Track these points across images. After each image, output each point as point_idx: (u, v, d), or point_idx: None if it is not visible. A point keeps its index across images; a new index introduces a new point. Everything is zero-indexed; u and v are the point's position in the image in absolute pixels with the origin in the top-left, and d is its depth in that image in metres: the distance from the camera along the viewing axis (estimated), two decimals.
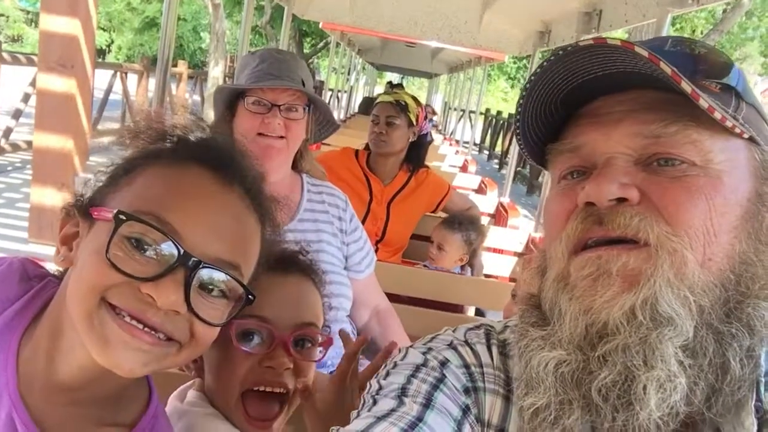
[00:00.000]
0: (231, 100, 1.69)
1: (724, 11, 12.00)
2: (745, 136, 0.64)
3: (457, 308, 2.76)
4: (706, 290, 0.60)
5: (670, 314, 0.58)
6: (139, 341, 0.68)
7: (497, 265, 3.29)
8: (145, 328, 0.68)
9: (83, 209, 0.74)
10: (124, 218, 0.68)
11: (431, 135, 3.44)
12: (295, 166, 1.81)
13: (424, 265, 2.85)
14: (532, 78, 0.66)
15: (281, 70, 1.66)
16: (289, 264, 1.05)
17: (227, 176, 0.76)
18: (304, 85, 1.69)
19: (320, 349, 1.02)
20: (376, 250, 2.88)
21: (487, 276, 3.19)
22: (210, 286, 0.72)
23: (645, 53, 0.58)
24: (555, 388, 0.62)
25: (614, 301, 0.60)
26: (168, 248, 0.69)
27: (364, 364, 1.77)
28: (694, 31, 15.86)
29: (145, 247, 0.69)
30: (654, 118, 0.63)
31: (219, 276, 0.72)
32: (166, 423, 0.83)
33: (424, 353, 0.74)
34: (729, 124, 0.62)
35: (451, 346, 0.75)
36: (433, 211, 3.02)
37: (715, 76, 0.66)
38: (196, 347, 0.73)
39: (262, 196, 0.82)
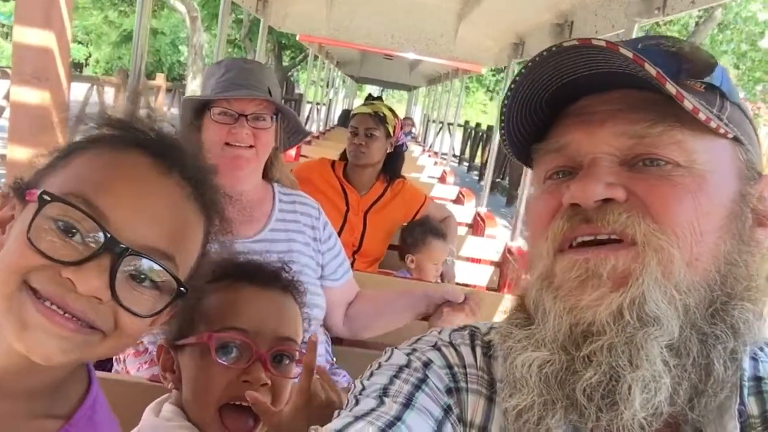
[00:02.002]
0: (197, 110, 1.67)
1: (697, 24, 12.23)
2: (730, 136, 0.64)
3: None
4: (692, 289, 0.60)
5: (656, 314, 0.59)
6: (59, 327, 0.65)
7: (474, 274, 3.31)
8: (66, 314, 0.65)
9: (20, 192, 0.71)
10: (49, 198, 0.65)
11: (406, 145, 3.46)
12: (266, 175, 1.81)
13: (396, 275, 2.84)
14: (518, 78, 0.67)
15: (247, 80, 1.66)
16: (272, 278, 1.05)
17: (167, 163, 0.73)
18: (270, 94, 1.68)
19: (298, 366, 1.02)
20: (353, 261, 2.88)
21: (464, 285, 3.20)
22: (140, 275, 0.69)
23: (630, 54, 0.59)
24: (539, 389, 0.62)
25: (601, 301, 0.60)
26: (94, 232, 0.66)
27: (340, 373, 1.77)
28: None
29: (72, 230, 0.66)
30: (639, 118, 0.63)
31: (149, 265, 0.69)
32: (105, 414, 0.80)
33: (408, 354, 0.74)
34: (713, 124, 0.62)
35: (436, 347, 0.75)
36: (409, 222, 3.03)
37: (699, 75, 0.66)
38: (121, 338, 0.70)
39: (206, 187, 0.78)
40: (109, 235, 0.66)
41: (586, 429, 0.62)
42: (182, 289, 0.72)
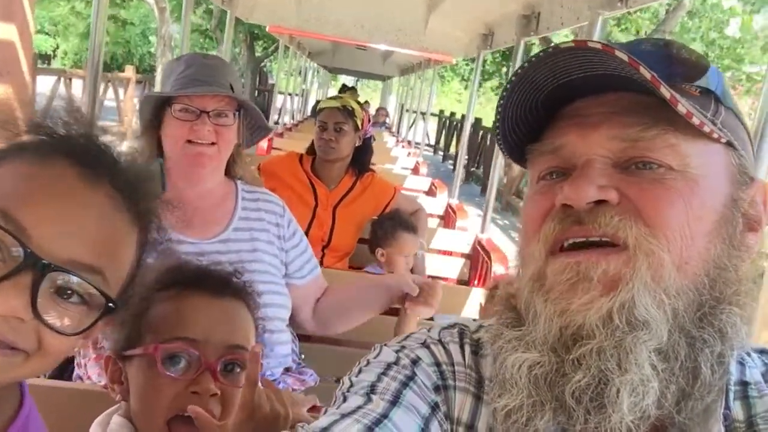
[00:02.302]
0: (158, 107, 1.64)
1: (667, 12, 12.35)
2: (723, 140, 0.64)
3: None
4: (681, 293, 0.60)
5: (645, 318, 0.59)
6: None
7: (445, 266, 3.31)
8: None
9: None
10: None
11: (374, 137, 3.45)
12: (228, 172, 1.78)
13: (366, 271, 2.83)
14: (513, 78, 0.66)
15: (208, 76, 1.63)
16: (222, 285, 1.03)
17: (95, 172, 0.70)
18: (233, 89, 1.66)
19: None
20: (323, 256, 2.87)
21: (434, 278, 3.20)
22: (65, 291, 0.65)
23: (625, 57, 0.58)
24: (528, 390, 0.62)
25: (591, 305, 0.60)
26: (14, 248, 0.62)
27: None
28: (638, 32, 16.28)
29: None
30: (633, 121, 0.63)
31: (74, 280, 0.65)
32: (38, 430, 0.77)
33: (396, 351, 0.74)
34: (707, 129, 0.62)
35: (424, 344, 0.75)
36: (379, 215, 3.02)
37: (694, 78, 0.67)
38: (45, 358, 0.66)
39: (139, 196, 0.74)
40: (29, 251, 0.62)
41: (574, 431, 0.62)
42: (110, 304, 0.69)
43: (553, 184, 0.67)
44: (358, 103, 3.03)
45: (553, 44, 0.64)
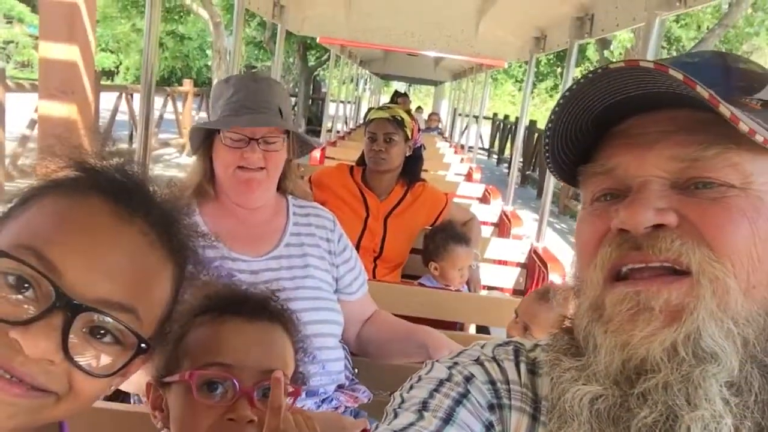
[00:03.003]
0: (207, 133, 1.66)
1: (730, 5, 11.88)
2: None
3: (460, 326, 2.71)
4: (750, 320, 0.57)
5: (713, 349, 0.56)
6: (3, 393, 0.60)
7: (501, 277, 3.25)
8: (13, 378, 0.60)
9: None
10: None
11: (424, 146, 3.42)
12: (279, 187, 1.78)
13: (419, 283, 2.80)
14: (561, 101, 0.64)
15: (257, 102, 1.63)
16: (258, 309, 1.01)
17: (129, 208, 0.69)
18: (281, 112, 1.66)
19: (289, 399, 0.98)
20: (374, 267, 2.85)
21: (489, 288, 3.14)
22: (100, 331, 0.64)
23: (680, 76, 0.55)
24: (590, 424, 0.60)
25: (654, 337, 0.57)
26: (46, 287, 0.61)
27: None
28: (699, 26, 15.75)
29: (25, 285, 0.61)
30: (691, 140, 0.60)
31: (107, 320, 0.64)
32: None
33: (449, 368, 0.72)
34: None
35: (478, 361, 0.73)
36: (432, 225, 2.98)
37: (754, 91, 0.63)
38: (77, 399, 0.65)
39: (174, 232, 0.73)
40: (60, 291, 0.61)
41: None
42: (143, 345, 0.68)
43: (608, 207, 0.64)
44: (408, 112, 3.00)
45: (602, 65, 0.60)
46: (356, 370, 1.86)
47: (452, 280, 2.70)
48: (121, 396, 1.50)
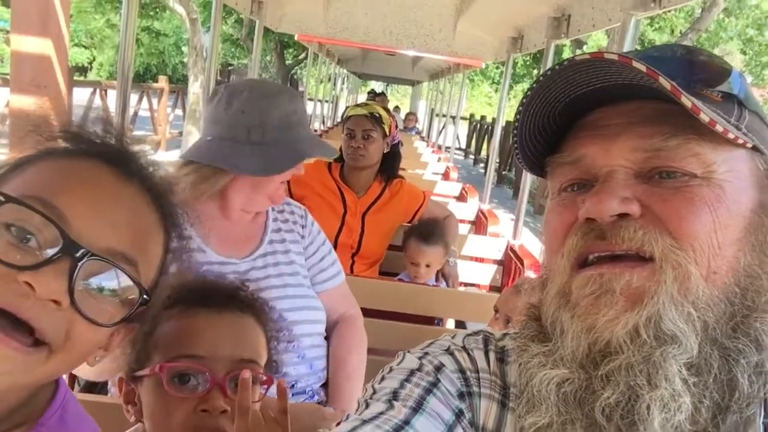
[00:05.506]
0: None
1: (702, 10, 12.09)
2: (749, 145, 0.63)
3: (438, 321, 2.73)
4: (711, 305, 0.59)
5: (674, 332, 0.57)
6: (2, 345, 0.59)
7: (477, 273, 3.27)
8: (8, 333, 0.59)
9: None
10: (3, 200, 0.61)
11: (402, 143, 3.43)
12: None
13: (399, 279, 2.81)
14: (529, 92, 0.65)
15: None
16: (227, 300, 1.01)
17: (126, 171, 0.70)
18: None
19: (263, 388, 0.98)
20: (352, 263, 2.86)
21: (466, 285, 3.17)
22: (100, 281, 0.65)
23: (643, 67, 0.57)
24: (557, 407, 0.61)
25: (617, 320, 0.59)
26: (52, 235, 0.62)
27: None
28: (673, 31, 16.00)
29: (28, 235, 0.61)
30: (654, 131, 0.61)
31: (110, 270, 0.65)
32: (77, 413, 0.75)
33: (420, 358, 0.73)
34: (731, 135, 0.60)
35: (448, 351, 0.74)
36: (409, 222, 3.00)
37: (715, 83, 0.65)
38: (69, 353, 0.64)
39: (165, 200, 0.74)
40: (68, 237, 0.62)
41: None
42: (146, 296, 0.68)
43: (575, 197, 0.66)
44: (386, 109, 3.01)
45: (568, 57, 0.62)
46: None
47: (420, 276, 2.75)
48: (98, 386, 1.49)
